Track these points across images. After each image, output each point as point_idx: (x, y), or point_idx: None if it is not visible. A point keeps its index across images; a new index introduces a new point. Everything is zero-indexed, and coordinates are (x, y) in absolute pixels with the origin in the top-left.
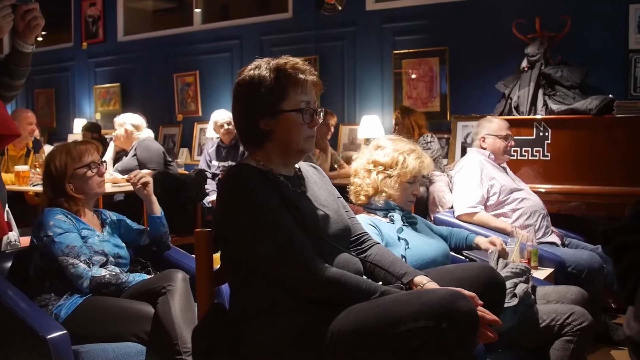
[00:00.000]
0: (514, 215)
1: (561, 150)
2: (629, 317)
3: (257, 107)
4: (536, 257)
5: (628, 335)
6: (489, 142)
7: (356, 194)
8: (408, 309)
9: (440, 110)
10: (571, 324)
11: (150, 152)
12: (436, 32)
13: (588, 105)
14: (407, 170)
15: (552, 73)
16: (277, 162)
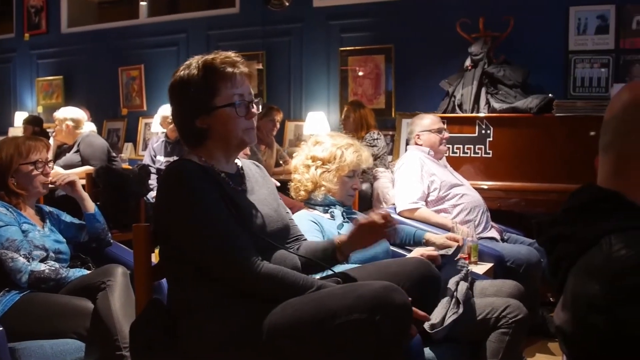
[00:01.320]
0: (454, 210)
1: (502, 147)
2: (559, 307)
3: (191, 107)
4: (476, 252)
5: (557, 325)
6: (424, 138)
7: (296, 190)
8: (342, 302)
9: (385, 108)
10: (507, 317)
11: (94, 148)
12: (382, 30)
13: (529, 104)
14: (345, 164)
15: (495, 72)
16: (219, 159)
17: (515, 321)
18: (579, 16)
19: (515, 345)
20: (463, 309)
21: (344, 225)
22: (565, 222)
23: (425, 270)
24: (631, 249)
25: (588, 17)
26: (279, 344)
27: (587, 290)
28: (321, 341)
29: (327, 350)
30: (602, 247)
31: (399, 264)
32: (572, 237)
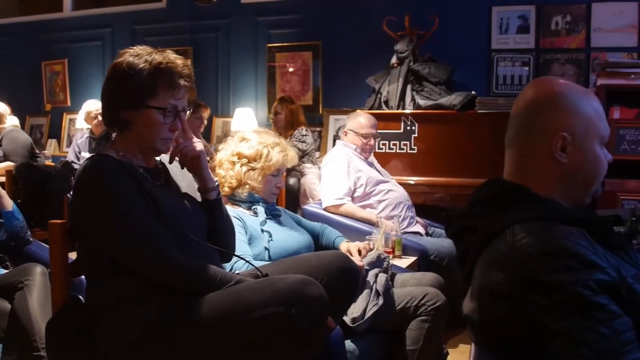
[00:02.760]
0: (379, 206)
1: (427, 143)
2: (467, 297)
3: (124, 96)
4: (400, 246)
5: (465, 314)
6: (350, 137)
7: (220, 185)
8: (259, 296)
9: (312, 104)
10: (425, 305)
11: (17, 144)
12: (310, 27)
13: (452, 101)
14: (271, 164)
15: (420, 69)
16: (136, 154)
17: (434, 308)
18: (501, 16)
19: (435, 332)
20: (383, 300)
21: (267, 222)
22: (472, 215)
23: (344, 263)
24: (533, 237)
25: (510, 17)
26: (196, 338)
27: (492, 279)
28: (239, 335)
29: (245, 344)
30: (506, 237)
31: (318, 258)
32: (478, 229)
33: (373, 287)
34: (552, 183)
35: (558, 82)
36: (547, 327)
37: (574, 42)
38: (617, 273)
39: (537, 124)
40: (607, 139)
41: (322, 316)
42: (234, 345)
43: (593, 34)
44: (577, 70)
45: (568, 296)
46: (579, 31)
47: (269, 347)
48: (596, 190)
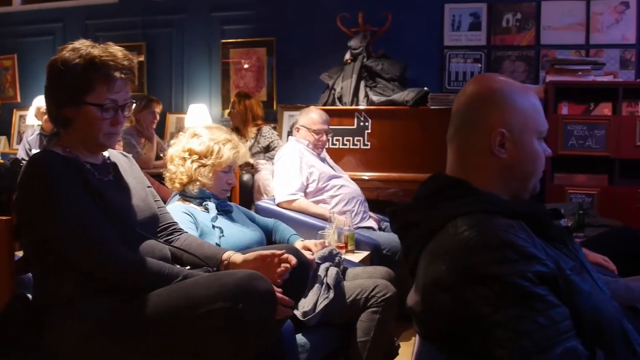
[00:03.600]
0: (332, 201)
1: (380, 139)
2: (412, 290)
3: (61, 93)
4: (352, 240)
5: (409, 306)
6: (302, 133)
7: (171, 181)
8: (206, 291)
9: (267, 100)
10: (375, 296)
11: None
12: (264, 23)
13: (405, 97)
14: (222, 160)
15: (374, 66)
16: (82, 150)
17: (384, 300)
18: (453, 13)
19: (386, 323)
20: (334, 294)
21: (217, 217)
22: (416, 209)
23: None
24: (473, 230)
25: (462, 14)
26: (144, 335)
27: (435, 271)
28: (186, 330)
29: (193, 339)
30: (449, 230)
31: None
32: (422, 223)
33: (324, 280)
34: (492, 177)
35: (497, 79)
36: (487, 317)
37: (524, 39)
38: (555, 265)
39: (477, 119)
40: (545, 134)
41: (269, 310)
42: (183, 341)
43: (543, 32)
44: (527, 67)
45: (507, 287)
46: (529, 29)
47: (217, 342)
48: (535, 184)
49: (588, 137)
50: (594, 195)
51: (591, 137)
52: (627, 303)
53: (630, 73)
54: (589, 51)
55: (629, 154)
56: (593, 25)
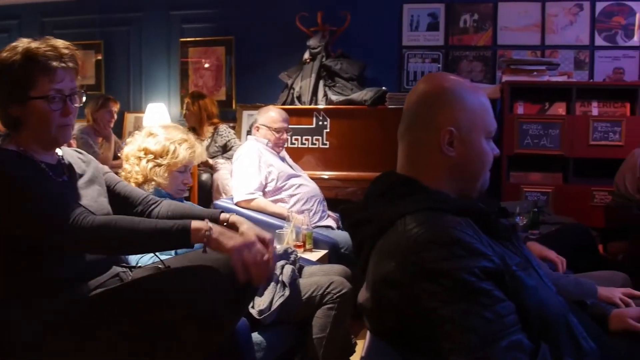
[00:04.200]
0: (291, 200)
1: (339, 138)
2: (364, 287)
3: (5, 92)
4: (311, 239)
5: (360, 303)
6: (262, 132)
7: (126, 180)
8: (163, 286)
9: (226, 99)
10: (331, 292)
11: None
12: (223, 22)
13: (363, 97)
14: (178, 160)
15: (332, 65)
16: (36, 149)
17: (340, 295)
18: (411, 13)
19: (342, 319)
20: (289, 291)
21: None
22: (366, 207)
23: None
24: (422, 227)
25: (420, 14)
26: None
27: (385, 268)
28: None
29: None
30: (398, 228)
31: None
32: (372, 221)
33: (279, 278)
34: (441, 175)
35: (448, 78)
36: (435, 312)
37: (481, 39)
38: (502, 260)
39: (427, 118)
40: (494, 133)
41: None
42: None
43: (499, 32)
44: (484, 67)
45: (454, 282)
46: (486, 29)
47: (173, 337)
48: (483, 182)
49: (543, 136)
50: (549, 193)
51: (546, 136)
52: (576, 298)
53: (584, 73)
54: (545, 52)
55: (583, 152)
56: (548, 26)
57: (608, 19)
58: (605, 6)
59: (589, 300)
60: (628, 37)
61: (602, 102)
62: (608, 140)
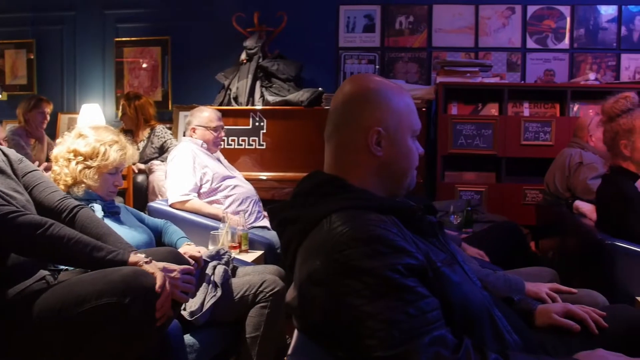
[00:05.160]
0: (226, 201)
1: (276, 139)
2: (292, 286)
3: None
4: (246, 240)
5: (287, 302)
6: (199, 133)
7: (56, 182)
8: (92, 287)
9: (162, 100)
10: (263, 291)
11: None
12: (158, 21)
13: (300, 97)
14: (108, 162)
15: (269, 66)
16: None
17: (272, 294)
18: (348, 15)
19: (275, 317)
20: (221, 291)
21: (104, 219)
22: (293, 206)
23: (174, 259)
24: (347, 225)
25: (356, 16)
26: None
27: (310, 266)
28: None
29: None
30: (324, 226)
31: (149, 253)
32: (299, 220)
33: (211, 279)
34: (368, 174)
35: (373, 79)
36: (359, 309)
37: (416, 41)
38: (426, 257)
39: (354, 118)
40: (419, 132)
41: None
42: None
43: (434, 34)
44: (420, 68)
45: (378, 279)
46: (421, 31)
47: (102, 338)
48: (410, 181)
49: (476, 136)
50: (482, 192)
51: (479, 136)
52: (504, 294)
53: (516, 75)
54: (478, 54)
55: (514, 152)
56: (481, 28)
57: (539, 23)
58: (536, 10)
59: (516, 296)
60: (558, 40)
61: (533, 103)
62: (539, 140)
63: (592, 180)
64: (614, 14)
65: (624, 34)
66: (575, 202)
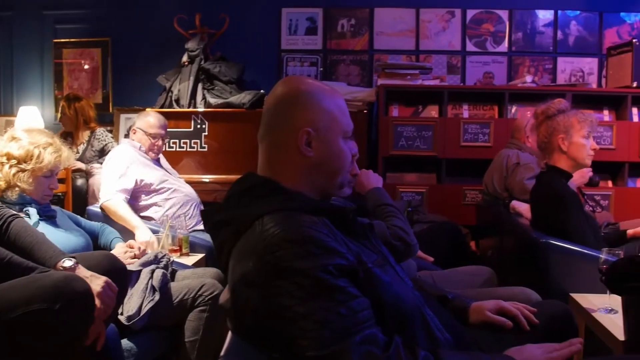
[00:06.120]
0: (166, 204)
1: (218, 141)
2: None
3: None
4: (187, 243)
5: (221, 303)
6: (138, 135)
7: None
8: (22, 293)
9: (102, 102)
10: (203, 295)
11: None
12: (99, 22)
13: (242, 100)
14: (43, 165)
15: (211, 68)
16: None
17: (212, 298)
18: (290, 17)
19: (214, 321)
20: (159, 296)
21: (39, 223)
22: (226, 209)
23: (110, 263)
24: (279, 226)
25: (299, 18)
26: None
27: (243, 268)
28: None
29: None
30: (256, 228)
31: (84, 258)
32: (232, 222)
33: (149, 283)
34: (300, 175)
35: (305, 81)
36: (291, 310)
37: (358, 44)
38: (357, 258)
39: (285, 119)
40: (351, 133)
41: (87, 311)
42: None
43: (376, 37)
44: (362, 70)
45: (309, 280)
46: (363, 34)
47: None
48: (342, 182)
49: (417, 138)
50: (423, 193)
51: (420, 138)
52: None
53: (456, 77)
54: (419, 56)
55: (454, 153)
56: (422, 32)
57: (478, 26)
58: (475, 14)
59: (450, 294)
60: (497, 43)
61: (472, 104)
62: (478, 142)
63: (529, 180)
64: (551, 18)
65: (560, 38)
66: (512, 202)
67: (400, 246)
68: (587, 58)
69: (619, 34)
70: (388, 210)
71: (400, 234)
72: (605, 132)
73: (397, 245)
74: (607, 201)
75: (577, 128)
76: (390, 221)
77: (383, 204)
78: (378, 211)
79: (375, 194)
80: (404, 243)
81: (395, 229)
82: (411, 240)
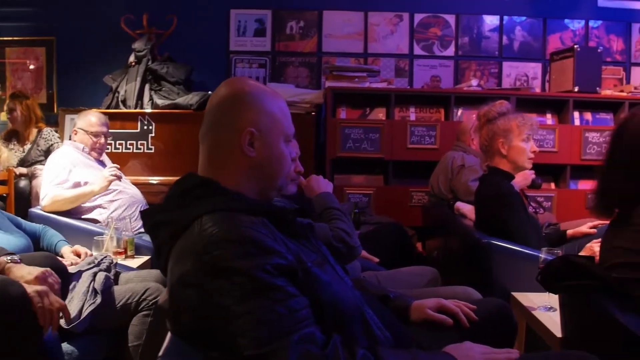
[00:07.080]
0: (111, 206)
1: (165, 143)
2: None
3: None
4: (132, 245)
5: (159, 304)
6: (79, 136)
7: None
8: None
9: (47, 103)
10: (147, 299)
11: None
12: (43, 21)
13: (189, 101)
14: None
15: (159, 69)
16: None
17: (156, 302)
18: (239, 19)
19: (158, 326)
20: (101, 299)
21: None
22: (166, 209)
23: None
24: (217, 226)
25: (247, 20)
26: None
27: (181, 268)
28: None
29: None
30: (195, 228)
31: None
32: (171, 222)
33: (90, 285)
34: (240, 176)
35: (248, 82)
36: (229, 309)
37: (307, 46)
38: (296, 258)
39: (228, 119)
40: (292, 136)
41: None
42: None
43: (324, 40)
44: (310, 72)
45: (247, 279)
46: (312, 36)
47: None
48: (282, 183)
49: (364, 140)
50: (371, 194)
51: (367, 140)
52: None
53: (404, 81)
54: (367, 59)
55: (401, 155)
56: (370, 35)
57: (425, 30)
58: (422, 18)
59: (391, 294)
60: (444, 47)
61: (419, 107)
62: (424, 144)
63: (473, 182)
64: (497, 23)
65: (505, 43)
66: (456, 203)
67: (343, 248)
68: (532, 63)
69: (562, 39)
70: (333, 213)
71: (343, 236)
72: (548, 135)
73: (339, 247)
74: (549, 203)
75: (516, 133)
76: (334, 224)
77: (329, 207)
78: (324, 214)
79: (323, 198)
80: (345, 245)
81: (337, 230)
82: (354, 243)
